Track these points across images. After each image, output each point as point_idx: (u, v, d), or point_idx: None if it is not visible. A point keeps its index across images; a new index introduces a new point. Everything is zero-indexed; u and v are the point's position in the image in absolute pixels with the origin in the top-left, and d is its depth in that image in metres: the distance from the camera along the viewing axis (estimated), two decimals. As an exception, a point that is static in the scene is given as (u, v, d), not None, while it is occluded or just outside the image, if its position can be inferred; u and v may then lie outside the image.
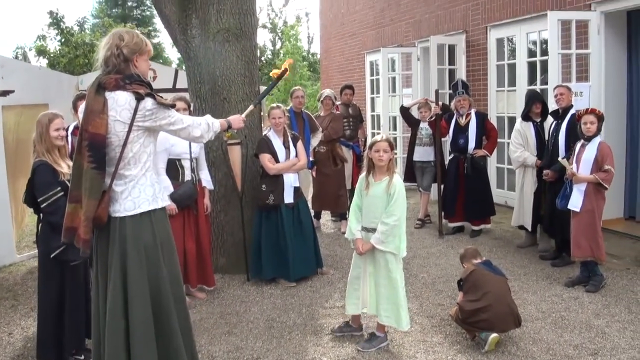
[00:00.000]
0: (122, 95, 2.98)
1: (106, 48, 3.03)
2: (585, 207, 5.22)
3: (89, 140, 2.94)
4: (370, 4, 12.68)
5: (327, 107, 7.79)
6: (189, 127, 3.22)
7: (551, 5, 7.55)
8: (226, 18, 5.73)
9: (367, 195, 4.20)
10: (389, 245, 4.10)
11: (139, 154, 3.08)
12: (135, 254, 3.01)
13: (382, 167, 4.13)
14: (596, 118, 5.20)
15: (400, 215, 4.09)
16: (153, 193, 3.13)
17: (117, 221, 3.03)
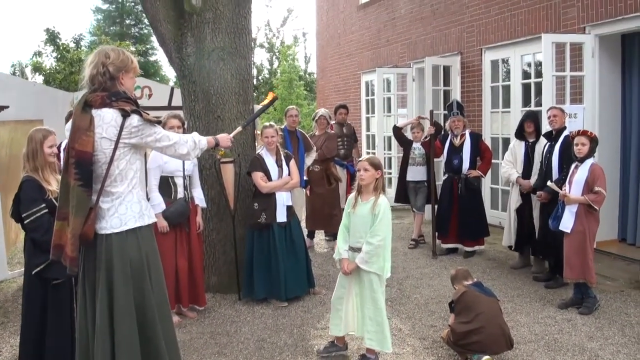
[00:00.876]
0: (109, 113, 2.99)
1: (92, 66, 3.04)
2: (576, 228, 5.21)
3: (76, 158, 2.94)
4: (366, 25, 12.77)
5: (321, 126, 7.81)
6: (175, 144, 3.22)
7: (546, 28, 7.60)
8: (221, 37, 5.75)
9: (354, 215, 4.22)
10: (373, 265, 4.09)
11: (125, 171, 3.07)
12: (121, 271, 2.99)
13: (367, 186, 4.16)
14: (588, 140, 5.22)
15: (385, 236, 4.09)
16: (140, 210, 3.12)
17: (103, 238, 3.01)
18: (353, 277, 4.23)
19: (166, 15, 5.80)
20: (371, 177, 4.13)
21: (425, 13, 10.53)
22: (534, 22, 7.91)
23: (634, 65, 7.16)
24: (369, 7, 12.65)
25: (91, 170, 2.97)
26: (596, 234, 5.38)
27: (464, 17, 9.41)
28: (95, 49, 3.24)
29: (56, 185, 3.87)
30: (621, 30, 6.84)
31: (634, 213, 7.13)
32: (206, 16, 5.71)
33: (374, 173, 4.14)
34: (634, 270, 6.20)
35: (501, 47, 8.67)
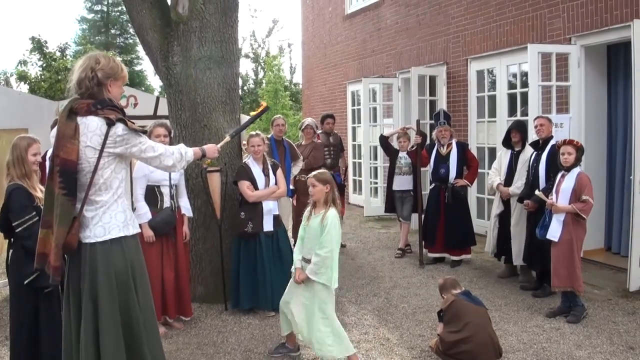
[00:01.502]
0: (94, 121, 2.94)
1: (81, 70, 3.00)
2: (563, 237, 5.24)
3: (61, 166, 2.89)
4: (352, 35, 12.82)
5: (308, 135, 7.79)
6: (160, 155, 3.17)
7: (531, 39, 7.67)
8: (208, 46, 5.72)
9: (308, 227, 4.38)
10: (322, 276, 4.19)
11: (110, 180, 3.03)
12: (106, 281, 2.94)
13: (319, 200, 4.33)
14: (574, 149, 5.25)
15: (332, 247, 4.19)
16: (124, 219, 3.08)
17: (87, 247, 2.96)
18: (303, 287, 4.34)
19: (152, 24, 5.77)
20: (320, 192, 4.30)
21: (410, 24, 10.59)
22: (519, 33, 7.97)
23: (619, 76, 7.23)
24: (354, 18, 12.70)
25: (75, 179, 2.93)
26: (583, 242, 5.39)
27: (450, 28, 9.47)
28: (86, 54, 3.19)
29: (41, 193, 3.82)
30: (607, 41, 6.91)
31: (619, 222, 7.17)
32: (193, 25, 5.68)
33: (322, 188, 4.30)
34: (621, 279, 6.22)
35: (487, 57, 8.72)
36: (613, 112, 7.36)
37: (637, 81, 5.62)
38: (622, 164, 7.17)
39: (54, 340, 3.82)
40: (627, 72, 6.99)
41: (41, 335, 3.81)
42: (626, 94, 7.09)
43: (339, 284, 5.86)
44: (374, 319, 5.46)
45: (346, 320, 5.39)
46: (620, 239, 7.12)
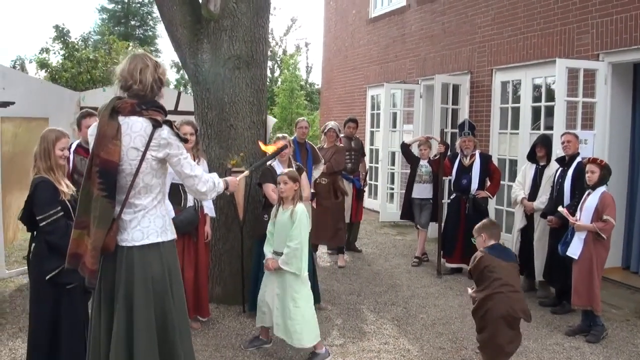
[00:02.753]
0: (138, 121, 2.90)
1: (148, 73, 2.94)
2: (584, 255, 5.21)
3: (100, 167, 2.83)
4: (375, 40, 12.77)
5: (330, 139, 7.76)
6: (196, 177, 3.08)
7: (559, 53, 7.59)
8: (238, 45, 5.71)
9: (277, 223, 4.67)
10: (292, 266, 4.50)
11: (151, 184, 2.98)
12: (142, 286, 2.90)
13: (288, 197, 4.61)
14: (598, 167, 5.22)
15: (302, 239, 4.52)
16: (163, 225, 3.04)
17: (124, 250, 2.92)
18: (275, 279, 4.61)
19: (183, 20, 5.75)
20: (291, 189, 4.59)
21: (435, 31, 10.53)
22: (546, 46, 7.89)
23: (645, 95, 7.17)
24: (378, 22, 12.65)
25: (116, 181, 2.88)
26: (604, 262, 5.33)
27: (476, 37, 9.40)
28: (134, 52, 3.12)
29: (66, 188, 3.79)
30: (633, 60, 6.86)
31: (638, 241, 7.10)
32: (224, 23, 5.67)
33: (292, 185, 4.60)
34: (639, 299, 6.15)
35: (512, 68, 8.65)
36: (637, 130, 7.29)
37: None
38: (644, 182, 7.11)
39: (74, 337, 3.81)
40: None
41: (62, 330, 3.76)
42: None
43: (356, 289, 5.92)
44: (394, 328, 5.41)
45: (365, 329, 5.36)
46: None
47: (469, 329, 5.37)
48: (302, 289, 4.59)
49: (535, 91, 8.35)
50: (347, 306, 6.02)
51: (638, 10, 6.56)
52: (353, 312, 5.83)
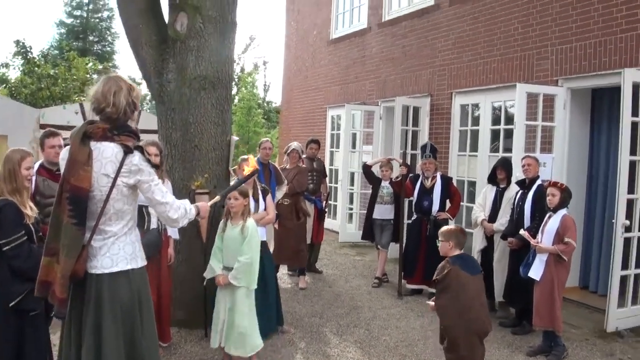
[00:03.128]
0: (109, 147, 2.84)
1: (122, 96, 2.88)
2: (545, 277, 5.32)
3: (71, 193, 2.77)
4: (335, 60, 12.88)
5: (293, 160, 7.76)
6: (167, 204, 3.00)
7: (518, 78, 7.81)
8: (204, 65, 5.66)
9: (225, 238, 4.74)
10: (242, 281, 4.62)
11: (121, 211, 2.92)
12: (111, 313, 2.83)
13: (237, 213, 4.70)
14: (558, 191, 5.36)
15: (253, 255, 4.65)
16: (133, 251, 2.98)
17: (93, 278, 2.85)
18: (226, 294, 4.71)
19: (148, 39, 5.69)
20: (240, 204, 4.68)
21: (396, 53, 10.70)
22: (506, 71, 8.11)
23: (602, 120, 7.43)
24: (339, 43, 12.78)
25: (86, 208, 2.81)
26: (565, 283, 5.45)
27: (436, 61, 9.59)
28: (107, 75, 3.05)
29: (30, 211, 3.68)
30: (593, 85, 7.11)
31: (597, 261, 7.32)
32: (190, 44, 5.62)
33: (242, 201, 4.69)
34: (597, 319, 6.30)
35: (472, 92, 8.85)
36: (595, 154, 7.54)
37: (624, 127, 5.76)
38: (603, 204, 7.36)
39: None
40: (610, 117, 7.23)
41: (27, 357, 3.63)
42: (609, 138, 7.31)
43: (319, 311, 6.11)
44: (357, 351, 5.40)
45: (329, 352, 5.33)
46: (598, 278, 7.26)
47: (432, 350, 5.41)
48: (251, 302, 4.75)
49: (494, 114, 8.55)
50: (310, 329, 5.99)
51: (596, 39, 6.81)
52: (316, 335, 5.79)
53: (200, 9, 5.62)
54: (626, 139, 5.78)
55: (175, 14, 5.65)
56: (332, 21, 13.24)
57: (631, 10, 6.42)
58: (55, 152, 4.72)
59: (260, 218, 5.53)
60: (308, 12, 14.36)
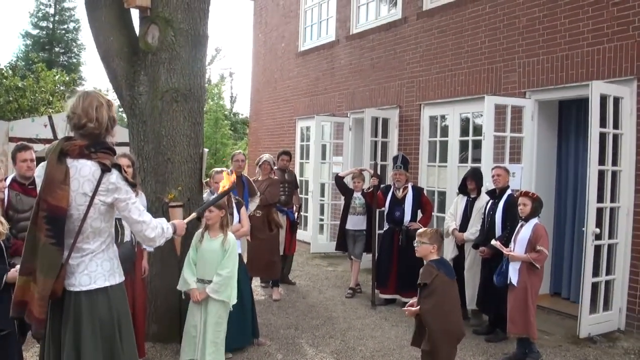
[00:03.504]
0: (86, 165, 2.80)
1: (104, 111, 2.85)
2: (519, 285, 5.40)
3: (48, 213, 2.71)
4: (304, 72, 12.94)
5: (265, 171, 7.75)
6: (144, 223, 2.96)
7: (486, 90, 7.97)
8: (176, 78, 5.64)
9: (202, 250, 4.75)
10: (222, 294, 4.64)
11: (99, 228, 2.89)
12: (90, 332, 2.80)
13: (214, 225, 4.75)
14: (530, 200, 5.48)
15: (232, 268, 4.69)
16: (111, 268, 2.94)
17: (72, 296, 2.81)
18: (202, 306, 4.71)
19: (119, 51, 5.65)
20: (217, 216, 4.73)
21: (364, 66, 10.80)
22: (474, 84, 8.27)
23: (570, 131, 7.63)
24: (307, 55, 12.85)
25: (64, 227, 2.76)
26: (539, 290, 5.55)
27: (404, 73, 9.71)
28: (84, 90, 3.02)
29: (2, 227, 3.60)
30: (560, 97, 7.29)
31: (568, 268, 7.49)
32: (162, 56, 5.60)
33: (219, 213, 4.73)
34: (569, 325, 6.43)
35: (440, 104, 8.99)
36: (563, 163, 7.73)
37: (592, 138, 5.92)
38: (573, 213, 7.54)
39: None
40: (578, 127, 7.43)
41: None
42: (576, 147, 7.51)
43: (294, 322, 6.15)
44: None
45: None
46: (570, 285, 7.42)
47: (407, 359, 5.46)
48: (225, 315, 4.76)
49: (463, 125, 8.69)
50: (285, 340, 5.97)
51: (563, 52, 7.00)
52: (292, 347, 5.78)
53: (172, 21, 5.61)
54: (594, 149, 5.94)
55: (146, 27, 5.63)
56: (300, 33, 13.32)
57: (597, 25, 6.63)
58: (27, 166, 4.67)
59: (235, 230, 5.52)
60: (276, 25, 14.42)
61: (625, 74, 6.34)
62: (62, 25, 32.01)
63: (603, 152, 6.13)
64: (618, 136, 6.35)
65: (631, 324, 6.26)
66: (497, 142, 7.33)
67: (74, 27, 32.08)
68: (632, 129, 6.29)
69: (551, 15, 7.17)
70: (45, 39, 31.17)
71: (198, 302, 4.71)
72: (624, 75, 6.35)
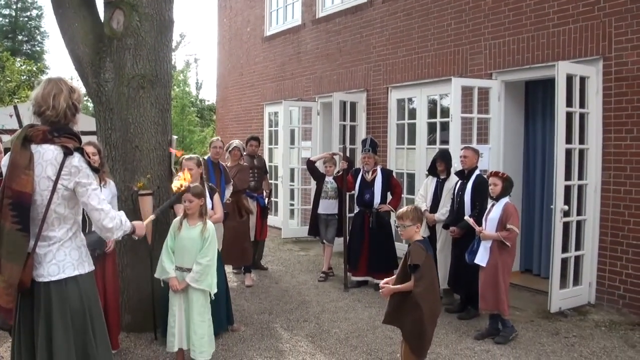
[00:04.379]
0: (49, 149, 2.78)
1: (62, 98, 2.81)
2: (490, 263, 5.51)
3: (13, 199, 2.69)
4: (271, 57, 12.86)
5: (235, 157, 7.71)
6: (103, 211, 2.89)
7: (453, 72, 8.04)
8: (142, 64, 5.54)
9: (180, 238, 4.72)
10: (203, 283, 4.62)
11: (64, 215, 2.85)
12: (61, 321, 2.77)
13: (194, 214, 4.73)
14: (500, 180, 5.57)
15: (213, 256, 4.68)
16: (79, 256, 2.92)
17: (41, 286, 2.77)
18: (182, 295, 4.69)
19: (84, 38, 5.52)
20: (196, 205, 4.72)
21: (331, 50, 10.78)
22: (441, 66, 8.33)
23: (537, 110, 7.76)
24: (274, 40, 12.76)
25: (29, 213, 2.73)
26: (511, 268, 5.66)
27: (371, 57, 9.73)
28: (48, 77, 2.97)
29: None
30: (526, 78, 7.40)
31: (538, 245, 7.66)
32: (127, 42, 5.49)
33: (198, 202, 4.72)
34: (540, 301, 6.58)
35: (407, 87, 9.04)
36: (531, 143, 7.87)
37: (559, 117, 6.04)
38: (541, 191, 7.70)
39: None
40: (544, 107, 7.56)
41: None
42: (543, 127, 7.65)
43: (267, 307, 6.19)
44: (309, 345, 5.44)
45: (281, 347, 5.35)
46: (540, 261, 7.60)
47: (381, 340, 5.52)
48: (207, 304, 4.73)
49: (430, 108, 8.76)
50: (260, 326, 5.98)
51: (529, 33, 7.10)
52: (267, 332, 5.79)
53: (137, 6, 5.50)
54: (561, 128, 6.06)
55: (111, 12, 5.51)
56: (265, 18, 13.21)
57: (563, 6, 6.73)
58: None
59: (208, 217, 5.49)
60: (241, 9, 14.26)
61: (591, 54, 6.46)
62: (25, 12, 31.11)
63: (570, 131, 6.26)
64: (584, 115, 6.48)
65: (601, 297, 6.45)
66: (465, 123, 7.41)
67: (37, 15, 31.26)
68: (598, 108, 6.42)
69: (517, -4, 7.25)
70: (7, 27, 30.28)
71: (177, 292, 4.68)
72: (589, 55, 6.47)
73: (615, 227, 6.29)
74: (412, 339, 4.23)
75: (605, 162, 6.39)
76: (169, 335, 4.73)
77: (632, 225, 6.13)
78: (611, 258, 6.33)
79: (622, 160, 6.22)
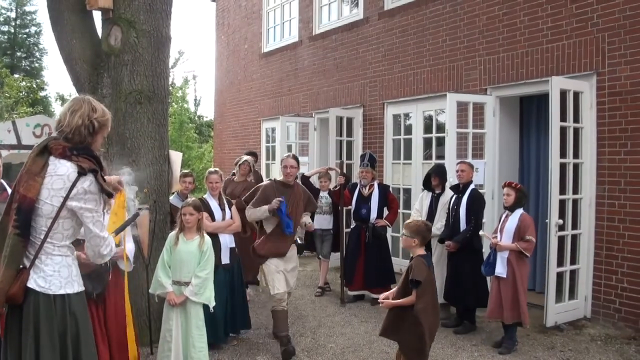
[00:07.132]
0: (65, 165, 2.79)
1: (78, 115, 2.83)
2: (508, 274, 5.55)
3: (18, 203, 2.73)
4: (268, 73, 12.94)
5: (243, 172, 7.70)
6: (102, 239, 2.90)
7: (448, 88, 8.11)
8: (139, 80, 5.61)
9: (177, 252, 4.73)
10: (202, 296, 4.66)
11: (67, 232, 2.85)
12: (48, 339, 2.74)
13: (191, 228, 4.77)
14: (513, 190, 5.67)
15: (211, 269, 4.75)
16: (68, 275, 2.86)
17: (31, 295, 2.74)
18: (179, 309, 4.70)
19: (82, 54, 5.60)
20: (195, 219, 4.77)
21: (327, 66, 10.87)
22: (436, 82, 8.40)
23: (531, 125, 7.82)
24: (271, 56, 12.86)
25: (30, 219, 2.74)
26: (527, 277, 5.73)
27: (367, 73, 9.81)
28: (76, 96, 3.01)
29: None
30: (521, 93, 7.47)
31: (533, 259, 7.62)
32: (125, 58, 5.56)
33: (197, 215, 4.78)
34: (537, 315, 6.57)
35: (403, 102, 9.11)
36: (525, 157, 7.92)
37: (554, 131, 6.10)
38: (535, 205, 7.72)
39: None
40: (539, 122, 7.62)
41: None
42: (538, 142, 7.69)
43: (264, 322, 6.23)
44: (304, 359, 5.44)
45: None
46: (535, 275, 7.61)
47: (377, 354, 5.52)
48: (203, 318, 4.75)
49: (426, 123, 8.82)
50: (256, 340, 5.98)
51: (523, 49, 7.18)
52: (263, 346, 5.79)
53: (134, 23, 5.58)
54: (556, 142, 6.12)
55: (108, 28, 5.59)
56: (263, 35, 13.31)
57: (556, 22, 6.81)
58: None
59: (227, 225, 5.80)
60: (238, 26, 14.38)
61: (584, 69, 6.53)
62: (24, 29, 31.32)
63: (564, 145, 6.32)
64: (579, 129, 6.53)
65: (597, 311, 6.45)
66: (460, 138, 7.46)
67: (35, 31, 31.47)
68: (592, 122, 6.47)
69: (511, 13, 7.34)
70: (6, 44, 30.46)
71: (175, 306, 4.67)
72: (583, 70, 6.54)
73: (610, 240, 6.31)
74: (411, 355, 4.26)
75: (599, 176, 6.43)
76: (165, 350, 4.72)
77: (627, 238, 6.15)
78: (606, 272, 6.34)
79: (616, 174, 6.26)
